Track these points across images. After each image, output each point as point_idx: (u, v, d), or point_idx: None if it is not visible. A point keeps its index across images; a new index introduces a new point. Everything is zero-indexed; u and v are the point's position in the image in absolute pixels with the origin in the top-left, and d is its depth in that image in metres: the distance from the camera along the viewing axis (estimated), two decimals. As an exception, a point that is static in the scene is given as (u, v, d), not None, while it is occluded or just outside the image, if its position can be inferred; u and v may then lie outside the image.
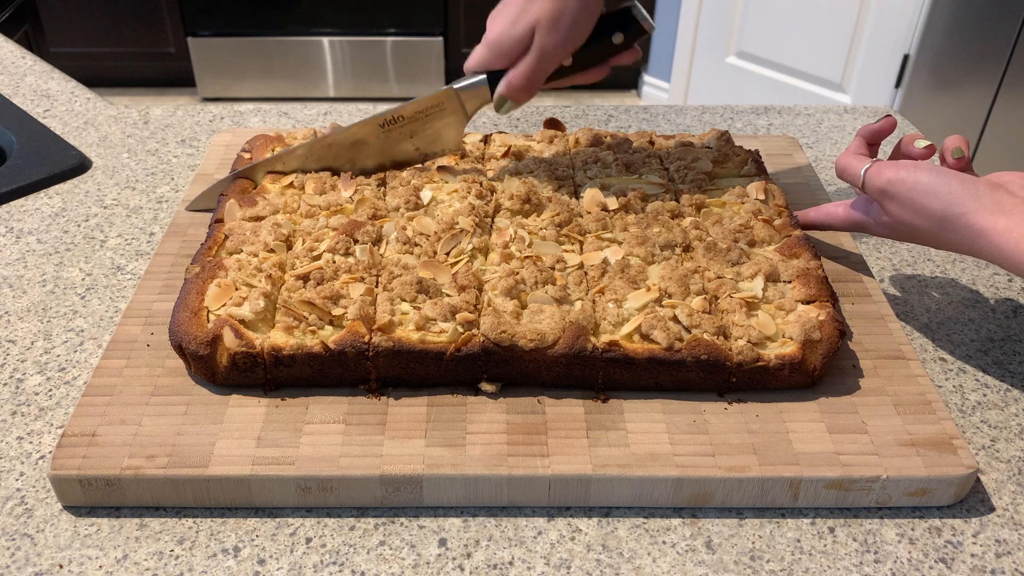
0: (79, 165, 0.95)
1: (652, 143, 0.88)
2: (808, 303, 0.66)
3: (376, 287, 0.66)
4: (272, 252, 0.69)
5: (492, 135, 0.89)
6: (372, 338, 0.61)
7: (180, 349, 0.62)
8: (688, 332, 0.62)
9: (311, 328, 0.62)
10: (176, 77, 3.30)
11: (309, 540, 0.55)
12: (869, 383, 0.64)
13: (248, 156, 0.84)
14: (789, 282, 0.68)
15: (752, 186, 0.79)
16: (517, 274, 0.66)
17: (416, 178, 0.78)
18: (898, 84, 2.41)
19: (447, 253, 0.69)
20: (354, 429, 0.59)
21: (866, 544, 0.56)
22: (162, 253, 0.76)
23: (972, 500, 0.59)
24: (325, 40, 3.15)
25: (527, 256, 0.68)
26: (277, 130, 0.90)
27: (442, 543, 0.56)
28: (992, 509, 0.58)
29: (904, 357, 0.66)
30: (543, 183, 0.79)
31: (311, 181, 0.78)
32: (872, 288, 0.74)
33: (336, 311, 0.63)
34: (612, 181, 0.80)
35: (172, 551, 0.54)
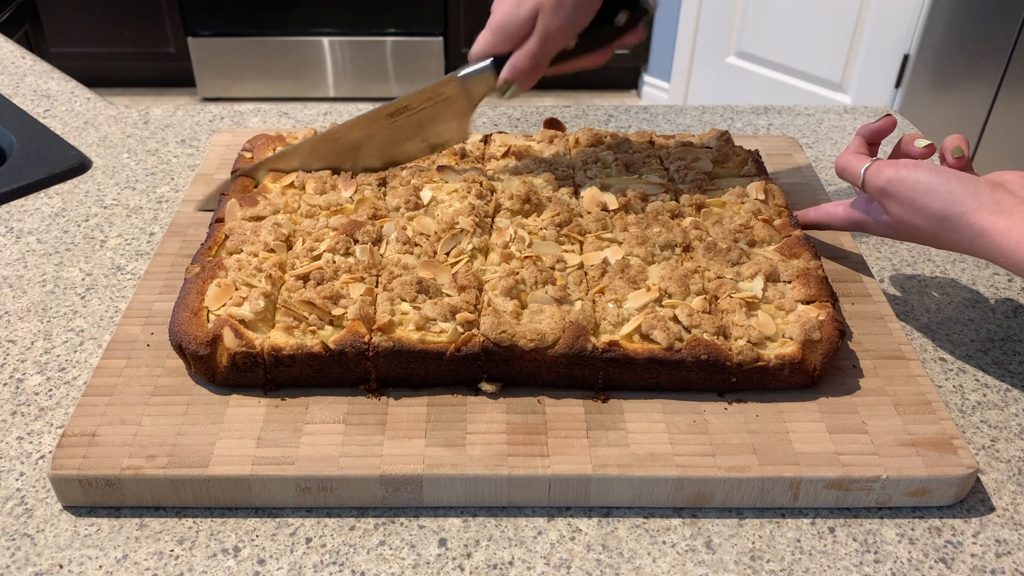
0: (79, 165, 0.95)
1: (652, 143, 0.88)
2: (808, 303, 0.66)
3: (376, 287, 0.66)
4: (272, 252, 0.69)
5: (492, 135, 0.89)
6: (372, 338, 0.61)
7: (180, 349, 0.62)
8: (688, 332, 0.62)
9: (311, 328, 0.62)
10: (176, 77, 3.30)
11: (309, 540, 0.55)
12: (869, 383, 0.64)
13: (249, 156, 0.84)
14: (789, 282, 0.68)
15: (752, 186, 0.79)
16: (517, 274, 0.66)
17: (416, 178, 0.78)
18: (898, 84, 2.41)
19: (447, 253, 0.69)
20: (354, 429, 0.59)
21: (866, 544, 0.56)
22: (162, 253, 0.76)
23: (972, 500, 0.59)
24: (325, 40, 3.15)
25: (527, 256, 0.68)
26: (277, 130, 0.90)
27: (442, 543, 0.56)
28: (992, 509, 0.58)
29: (904, 357, 0.66)
30: (543, 183, 0.79)
31: (311, 181, 0.78)
32: (872, 288, 0.74)
33: (336, 311, 0.63)
34: (612, 181, 0.80)
35: (172, 551, 0.54)
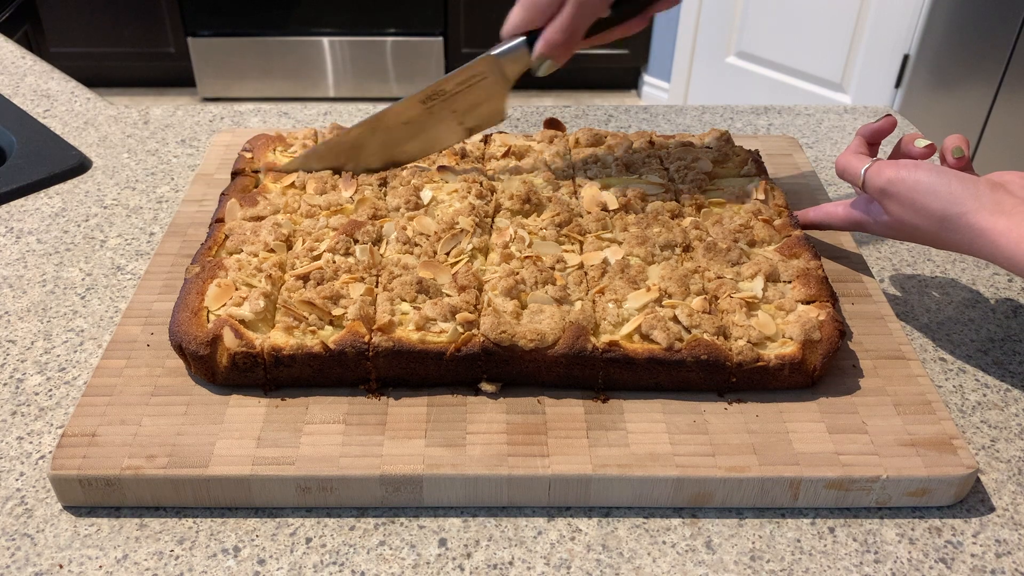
0: (79, 165, 0.95)
1: (652, 143, 0.88)
2: (808, 303, 0.66)
3: (376, 287, 0.66)
4: (272, 252, 0.69)
5: (492, 135, 0.89)
6: (372, 338, 0.61)
7: (180, 349, 0.62)
8: (688, 332, 0.62)
9: (311, 328, 0.62)
10: (176, 77, 3.30)
11: (309, 540, 0.55)
12: (869, 383, 0.64)
13: (249, 156, 0.84)
14: (789, 282, 0.68)
15: (752, 186, 0.79)
16: (517, 274, 0.66)
17: (416, 178, 0.78)
18: (898, 84, 2.41)
19: (447, 253, 0.69)
20: (354, 429, 0.59)
21: (866, 544, 0.56)
22: (162, 253, 0.76)
23: (972, 500, 0.59)
24: (325, 40, 3.15)
25: (527, 256, 0.68)
26: (277, 130, 0.90)
27: (442, 543, 0.56)
28: (992, 509, 0.58)
29: (904, 357, 0.66)
30: (543, 183, 0.79)
31: (312, 181, 0.78)
32: (872, 288, 0.74)
33: (336, 311, 0.63)
34: (612, 181, 0.80)
35: (172, 551, 0.54)
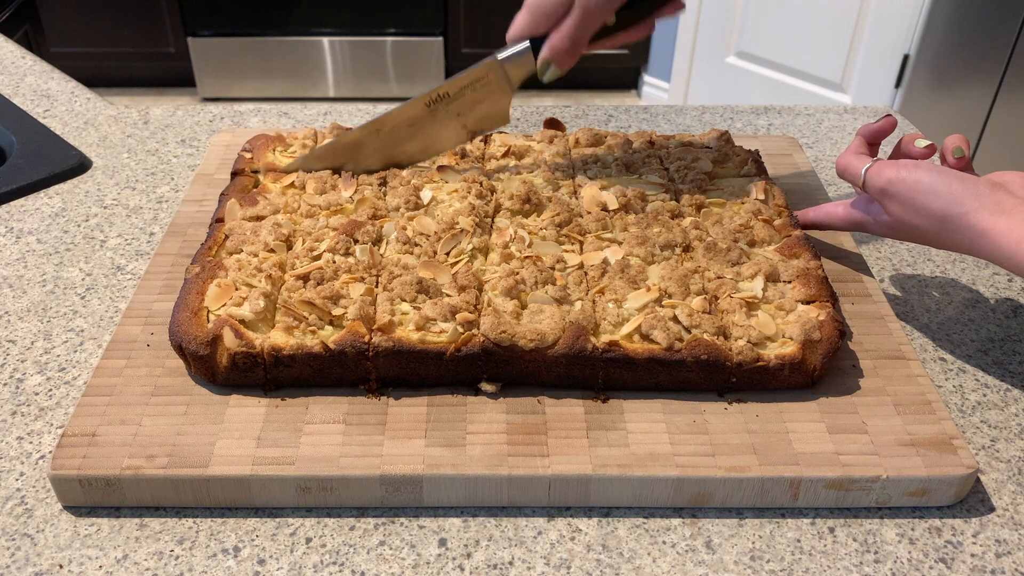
0: (79, 165, 0.95)
1: (652, 143, 0.88)
2: (808, 303, 0.66)
3: (376, 287, 0.66)
4: (272, 252, 0.69)
5: (492, 135, 0.89)
6: (372, 338, 0.61)
7: (180, 349, 0.62)
8: (688, 332, 0.62)
9: (311, 328, 0.62)
10: (176, 77, 3.30)
11: (309, 540, 0.55)
12: (869, 383, 0.64)
13: (249, 156, 0.84)
14: (789, 282, 0.68)
15: (752, 186, 0.79)
16: (517, 274, 0.66)
17: (416, 178, 0.78)
18: (898, 84, 2.41)
19: (447, 253, 0.69)
20: (354, 429, 0.59)
21: (866, 544, 0.56)
22: (162, 253, 0.76)
23: (972, 500, 0.59)
24: (325, 40, 3.15)
25: (527, 256, 0.68)
26: (277, 130, 0.90)
27: (442, 543, 0.56)
28: (992, 509, 0.58)
29: (904, 357, 0.66)
30: (543, 183, 0.79)
31: (311, 181, 0.78)
32: (872, 288, 0.74)
33: (336, 311, 0.63)
34: (612, 181, 0.80)
35: (172, 551, 0.54)
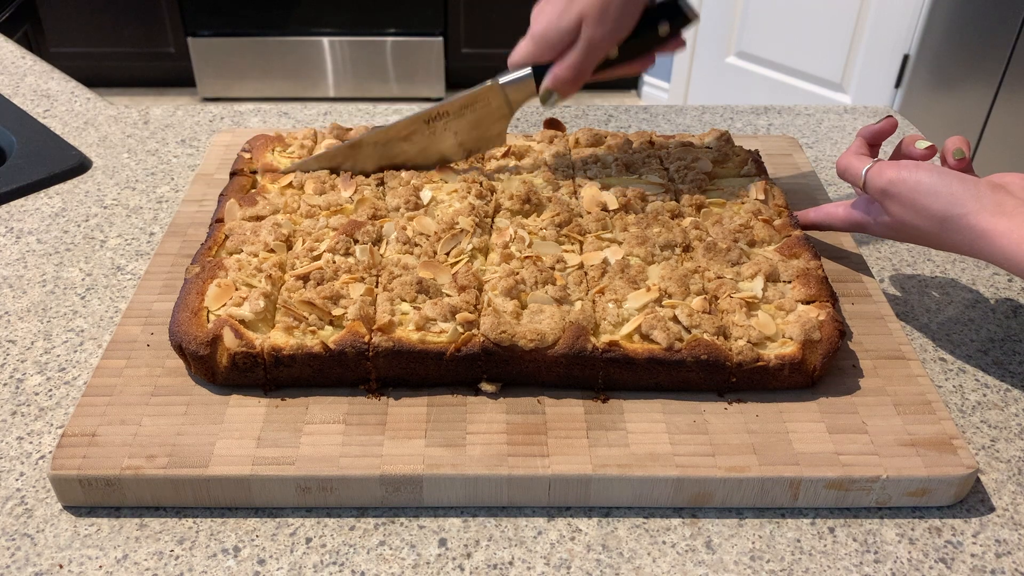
0: (79, 165, 0.95)
1: (652, 143, 0.88)
2: (808, 303, 0.66)
3: (376, 287, 0.66)
4: (272, 252, 0.69)
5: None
6: (372, 338, 0.61)
7: (180, 349, 0.62)
8: (688, 332, 0.62)
9: (311, 328, 0.62)
10: (176, 77, 3.30)
11: (309, 540, 0.55)
12: (869, 383, 0.64)
13: (248, 156, 0.84)
14: (789, 282, 0.68)
15: (752, 186, 0.79)
16: (517, 274, 0.66)
17: (416, 178, 0.78)
18: (898, 84, 2.41)
19: (447, 253, 0.69)
20: (354, 429, 0.59)
21: (866, 544, 0.56)
22: (162, 253, 0.76)
23: (972, 500, 0.59)
24: (325, 40, 3.15)
25: (527, 256, 0.68)
26: (277, 130, 0.90)
27: (442, 543, 0.56)
28: (992, 509, 0.58)
29: (904, 357, 0.66)
30: (543, 183, 0.79)
31: (311, 181, 0.78)
32: (872, 288, 0.74)
33: (336, 311, 0.63)
34: (612, 181, 0.80)
35: (172, 551, 0.54)
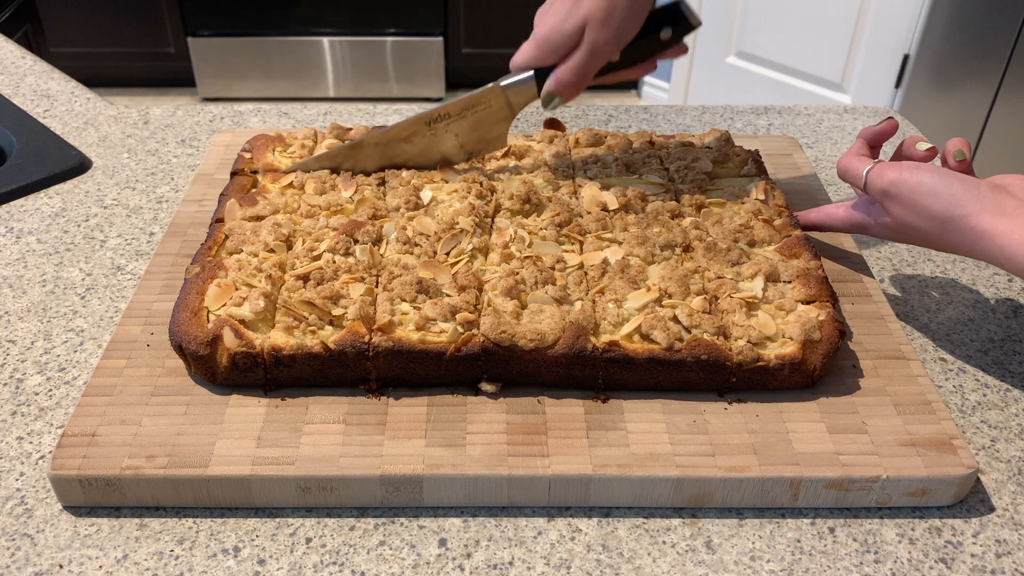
0: (79, 165, 0.95)
1: (652, 143, 0.88)
2: (808, 303, 0.66)
3: (376, 287, 0.66)
4: (272, 252, 0.69)
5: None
6: (372, 338, 0.61)
7: (180, 349, 0.62)
8: (688, 332, 0.62)
9: (311, 328, 0.62)
10: (176, 77, 3.30)
11: (309, 540, 0.55)
12: (869, 383, 0.64)
13: (249, 156, 0.84)
14: (789, 282, 0.68)
15: (752, 186, 0.79)
16: (517, 274, 0.66)
17: (416, 178, 0.78)
18: (898, 84, 2.41)
19: (447, 253, 0.69)
20: (354, 429, 0.59)
21: (866, 544, 0.56)
22: (162, 253, 0.76)
23: (972, 500, 0.59)
24: (325, 40, 3.15)
25: (527, 256, 0.68)
26: (277, 130, 0.90)
27: (442, 543, 0.56)
28: (992, 509, 0.58)
29: (904, 357, 0.66)
30: (543, 183, 0.79)
31: (311, 181, 0.78)
32: (872, 288, 0.74)
33: (336, 311, 0.63)
34: (612, 181, 0.80)
35: (172, 551, 0.54)
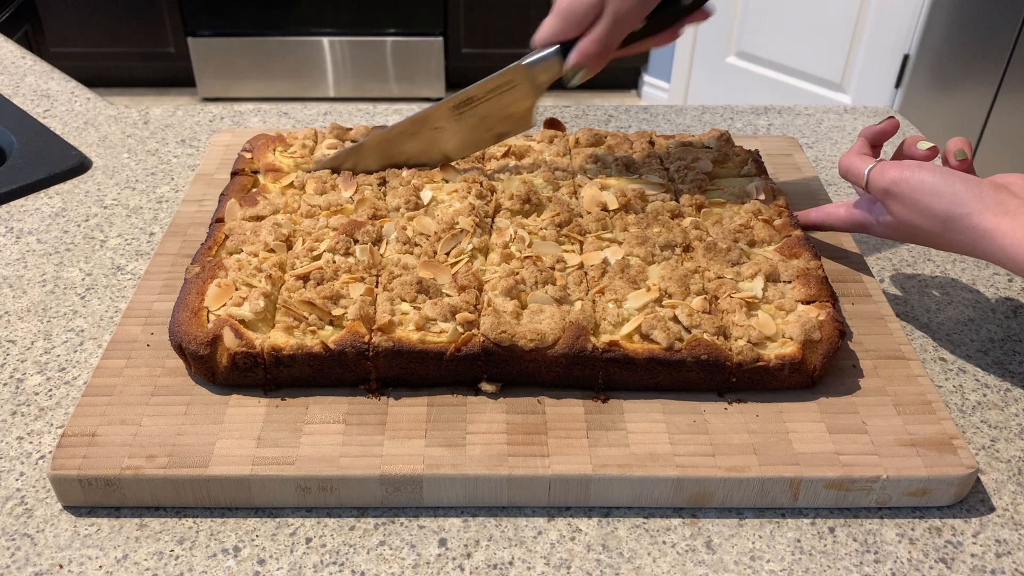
0: (79, 165, 0.95)
1: (652, 143, 0.88)
2: (808, 303, 0.66)
3: (376, 287, 0.66)
4: (272, 252, 0.69)
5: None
6: (372, 338, 0.61)
7: (180, 349, 0.62)
8: (688, 332, 0.62)
9: (311, 328, 0.62)
10: (176, 77, 3.30)
11: (309, 540, 0.55)
12: (869, 383, 0.64)
13: (249, 156, 0.84)
14: (789, 282, 0.68)
15: (752, 186, 0.79)
16: (517, 274, 0.66)
17: (416, 178, 0.78)
18: (898, 84, 2.41)
19: (447, 253, 0.69)
20: (354, 429, 0.59)
21: (866, 544, 0.56)
22: (162, 253, 0.76)
23: (972, 500, 0.59)
24: (325, 40, 3.15)
25: (527, 256, 0.68)
26: (277, 130, 0.90)
27: (442, 543, 0.56)
28: (992, 509, 0.58)
29: (904, 357, 0.66)
30: (543, 183, 0.79)
31: (312, 181, 0.78)
32: (872, 288, 0.74)
33: (336, 311, 0.63)
34: (612, 181, 0.80)
35: (172, 551, 0.54)
